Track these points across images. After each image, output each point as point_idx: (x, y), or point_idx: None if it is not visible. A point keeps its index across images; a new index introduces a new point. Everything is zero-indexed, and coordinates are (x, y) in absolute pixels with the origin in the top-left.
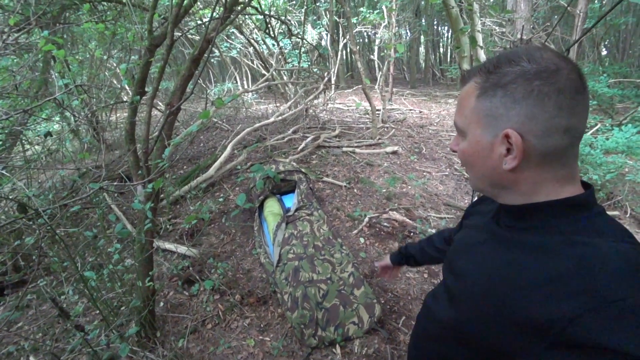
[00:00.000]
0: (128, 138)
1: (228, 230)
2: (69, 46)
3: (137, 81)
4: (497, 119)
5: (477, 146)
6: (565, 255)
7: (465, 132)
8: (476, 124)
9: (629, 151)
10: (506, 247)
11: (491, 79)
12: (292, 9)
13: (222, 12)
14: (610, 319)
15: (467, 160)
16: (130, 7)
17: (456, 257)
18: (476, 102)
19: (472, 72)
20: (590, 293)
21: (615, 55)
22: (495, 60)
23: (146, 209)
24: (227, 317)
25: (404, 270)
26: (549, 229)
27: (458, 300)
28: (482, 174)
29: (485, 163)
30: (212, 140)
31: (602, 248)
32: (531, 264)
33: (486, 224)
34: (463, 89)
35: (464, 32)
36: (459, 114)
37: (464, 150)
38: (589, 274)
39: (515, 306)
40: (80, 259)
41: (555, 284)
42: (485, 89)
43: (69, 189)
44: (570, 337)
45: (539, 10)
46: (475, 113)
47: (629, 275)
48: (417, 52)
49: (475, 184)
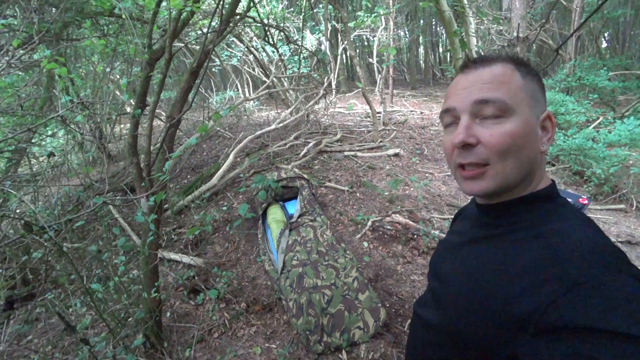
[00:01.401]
0: (131, 151)
1: (232, 238)
2: (72, 60)
3: (138, 95)
4: (538, 101)
5: (529, 126)
6: (537, 246)
7: (513, 110)
8: (525, 103)
9: (632, 143)
10: (484, 246)
11: (522, 67)
12: (290, 16)
13: (219, 24)
14: (582, 299)
15: (514, 144)
16: (129, 22)
17: (440, 262)
18: (523, 82)
19: (494, 56)
20: (561, 279)
21: (615, 48)
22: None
23: (149, 221)
24: (233, 326)
25: (408, 273)
26: (522, 222)
27: (444, 303)
28: (527, 159)
29: (533, 145)
30: (214, 149)
31: (568, 236)
32: (507, 259)
33: (465, 226)
34: (490, 68)
35: (456, 34)
36: (503, 89)
37: (513, 131)
38: (559, 262)
39: (497, 301)
40: (87, 272)
41: (530, 275)
42: (523, 73)
43: (74, 203)
44: (550, 323)
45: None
46: (525, 91)
47: (593, 258)
48: (417, 53)
49: (510, 176)
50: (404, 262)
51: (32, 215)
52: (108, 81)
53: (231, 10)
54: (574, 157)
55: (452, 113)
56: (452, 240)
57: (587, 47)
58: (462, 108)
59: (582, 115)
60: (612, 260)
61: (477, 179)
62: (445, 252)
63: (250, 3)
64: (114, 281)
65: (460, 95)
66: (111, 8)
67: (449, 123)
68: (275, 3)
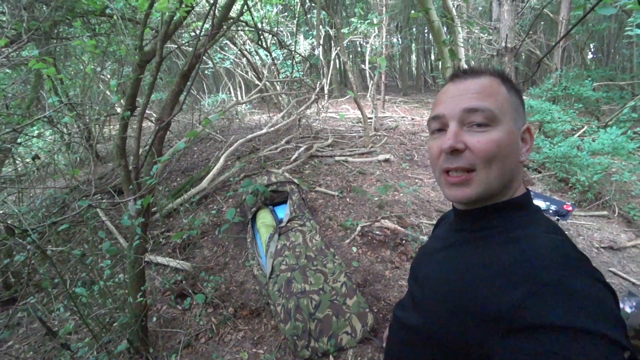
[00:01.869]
0: (119, 153)
1: (221, 242)
2: (62, 59)
3: (127, 96)
4: (519, 114)
5: (512, 137)
6: (508, 250)
7: (499, 120)
8: (510, 115)
9: (614, 152)
10: (461, 250)
11: (507, 82)
12: (284, 21)
13: (212, 27)
14: (549, 299)
15: (500, 152)
16: (121, 22)
17: (419, 266)
18: (509, 94)
19: (482, 69)
20: (530, 280)
21: (600, 59)
22: (497, 69)
23: (135, 225)
24: (220, 331)
25: (396, 278)
26: (498, 228)
27: (422, 306)
28: (509, 167)
29: (515, 155)
30: (205, 152)
31: (537, 241)
32: (482, 262)
33: (444, 232)
34: (479, 79)
35: (445, 44)
36: (491, 100)
37: (499, 140)
38: (528, 264)
39: (472, 302)
40: (71, 276)
41: (501, 277)
42: (508, 87)
43: (59, 205)
44: (520, 322)
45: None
46: (509, 104)
47: (560, 261)
48: (409, 60)
49: (493, 183)
50: (392, 267)
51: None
52: (98, 81)
53: (224, 14)
54: (560, 165)
55: (441, 120)
56: (431, 245)
57: (573, 58)
58: (451, 115)
59: (568, 124)
60: (576, 263)
61: (462, 185)
62: (424, 257)
63: (243, 7)
64: (99, 285)
65: (449, 103)
66: (103, 7)
67: (436, 129)
68: (269, 7)
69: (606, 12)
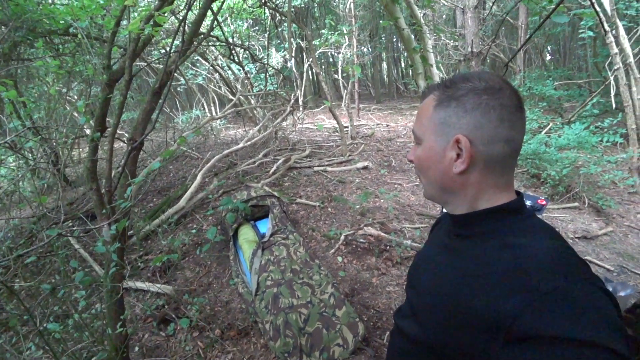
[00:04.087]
0: (90, 176)
1: (203, 262)
2: (24, 81)
3: (96, 117)
4: (450, 127)
5: (431, 151)
6: (504, 258)
7: (421, 139)
8: (431, 131)
9: (579, 146)
10: (455, 256)
11: (447, 92)
12: (255, 35)
13: (182, 44)
14: (547, 308)
15: (421, 166)
16: (86, 41)
17: (415, 273)
18: (433, 112)
19: (432, 87)
20: (527, 289)
21: (558, 60)
22: (452, 78)
23: (111, 251)
24: (208, 355)
25: (383, 284)
26: (490, 234)
27: (420, 314)
28: (434, 178)
29: (437, 167)
30: (181, 170)
31: (533, 248)
32: (479, 269)
33: (440, 237)
34: (424, 102)
35: (416, 51)
36: (418, 123)
37: (419, 155)
38: (524, 273)
39: (470, 310)
40: (42, 311)
41: (500, 285)
42: (441, 100)
43: (25, 236)
44: (518, 332)
45: (486, 25)
46: (432, 121)
47: (557, 269)
48: (380, 68)
49: (427, 190)
50: (379, 274)
51: None
52: (64, 103)
53: (194, 30)
54: (531, 161)
55: None
56: (427, 251)
57: (534, 60)
58: None
59: (535, 122)
60: (575, 270)
61: None
62: (421, 263)
63: (213, 22)
64: (74, 318)
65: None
66: (66, 27)
67: None
68: (239, 22)
69: (560, 19)
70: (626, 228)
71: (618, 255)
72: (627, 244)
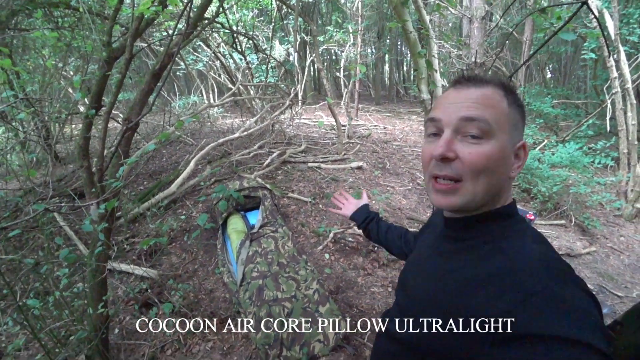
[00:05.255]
0: (81, 154)
1: (190, 248)
2: (19, 52)
3: (92, 94)
4: (517, 131)
5: (504, 152)
6: (495, 260)
7: (493, 134)
8: (506, 129)
9: (571, 165)
10: (448, 258)
11: (513, 96)
12: (260, 25)
13: (185, 27)
14: (536, 308)
15: (489, 165)
16: (87, 16)
17: (407, 275)
18: (509, 109)
19: (487, 78)
20: (517, 289)
21: (558, 79)
22: (506, 81)
23: (98, 230)
24: (188, 342)
25: (368, 285)
26: (485, 237)
27: (409, 315)
28: (497, 181)
29: (505, 169)
30: (175, 155)
31: (524, 251)
32: (471, 271)
33: (432, 239)
34: (482, 89)
35: (421, 55)
36: (489, 111)
37: (490, 154)
38: (514, 274)
39: (458, 312)
40: (22, 286)
41: (489, 287)
42: (510, 102)
43: (11, 209)
44: (508, 332)
45: (492, 37)
46: (508, 119)
47: (545, 270)
48: (382, 70)
49: (478, 195)
50: (365, 274)
51: None
52: (60, 77)
53: (199, 14)
54: (523, 176)
55: (437, 124)
56: (419, 254)
57: (535, 76)
58: (447, 122)
59: (530, 137)
60: (561, 272)
61: (448, 193)
62: (413, 266)
63: (219, 8)
64: (54, 296)
65: (448, 108)
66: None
67: (432, 133)
68: (245, 11)
69: (567, 37)
70: (608, 249)
71: (599, 275)
72: (608, 264)
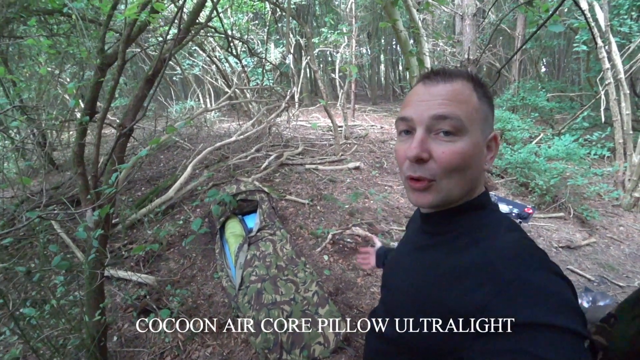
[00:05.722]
0: (77, 160)
1: (188, 254)
2: (15, 59)
3: (87, 101)
4: (488, 124)
5: (477, 147)
6: (471, 252)
7: (466, 130)
8: (478, 124)
9: (568, 157)
10: (427, 253)
11: (482, 89)
12: (254, 29)
13: (178, 32)
14: (511, 297)
15: (463, 163)
16: (81, 23)
17: (389, 273)
18: (479, 104)
19: (455, 72)
20: (493, 280)
21: (552, 72)
22: (474, 74)
23: (92, 237)
24: (187, 348)
25: (368, 285)
26: (461, 229)
27: (394, 313)
28: (472, 176)
29: (479, 164)
30: (172, 160)
31: (497, 241)
32: (449, 265)
33: (412, 234)
34: (452, 84)
35: (412, 54)
36: (461, 108)
37: (464, 151)
38: (490, 265)
39: (441, 306)
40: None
41: (465, 280)
42: (480, 94)
43: (6, 217)
44: (486, 324)
45: (484, 33)
46: (479, 113)
47: (519, 259)
48: (378, 70)
49: (454, 192)
50: (364, 274)
51: None
52: (55, 84)
53: (192, 19)
54: (520, 170)
55: (409, 123)
56: (399, 251)
57: (529, 71)
58: (419, 121)
59: (526, 131)
60: (534, 259)
61: (425, 191)
62: (394, 263)
63: (212, 12)
64: (51, 304)
65: (419, 106)
66: (61, 7)
67: (404, 130)
68: (240, 15)
69: (555, 29)
70: (608, 240)
71: (599, 265)
72: (608, 255)
